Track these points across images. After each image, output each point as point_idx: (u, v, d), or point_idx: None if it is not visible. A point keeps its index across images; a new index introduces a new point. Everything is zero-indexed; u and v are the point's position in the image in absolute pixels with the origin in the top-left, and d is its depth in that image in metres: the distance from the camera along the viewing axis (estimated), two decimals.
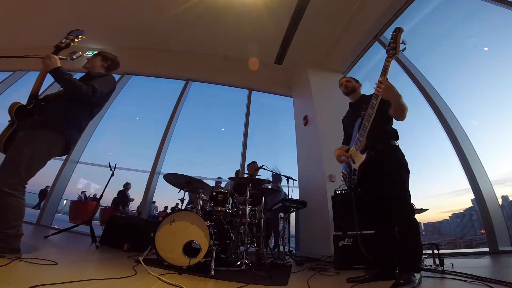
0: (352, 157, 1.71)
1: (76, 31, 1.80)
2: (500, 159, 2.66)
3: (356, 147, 1.68)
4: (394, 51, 1.48)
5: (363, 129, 1.61)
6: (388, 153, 1.64)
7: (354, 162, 1.69)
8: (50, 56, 1.62)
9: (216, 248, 1.81)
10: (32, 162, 1.52)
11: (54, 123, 1.62)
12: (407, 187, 1.55)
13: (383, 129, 1.71)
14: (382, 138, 1.67)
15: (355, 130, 1.77)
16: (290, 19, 4.00)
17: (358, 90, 2.04)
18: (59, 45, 1.72)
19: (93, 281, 1.18)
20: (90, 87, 1.70)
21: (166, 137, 4.51)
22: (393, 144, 1.69)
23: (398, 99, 1.50)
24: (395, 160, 1.62)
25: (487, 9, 2.58)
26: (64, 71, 1.65)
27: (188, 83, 5.22)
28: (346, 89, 2.04)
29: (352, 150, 1.74)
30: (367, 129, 1.58)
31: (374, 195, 1.69)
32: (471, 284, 1.39)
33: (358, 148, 1.65)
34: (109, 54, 2.04)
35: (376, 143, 1.63)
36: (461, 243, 3.45)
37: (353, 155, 1.71)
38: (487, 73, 2.88)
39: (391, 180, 1.56)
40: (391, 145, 1.69)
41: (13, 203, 1.44)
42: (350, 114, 2.03)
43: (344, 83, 2.07)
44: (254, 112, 5.04)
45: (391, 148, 1.67)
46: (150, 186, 4.11)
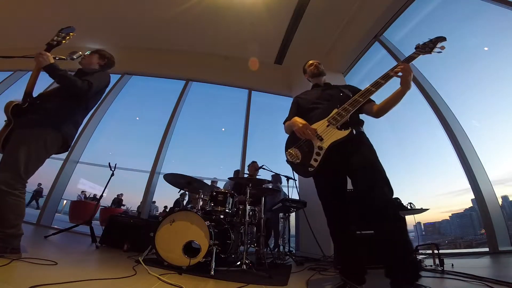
0: (318, 133, 1.44)
1: (67, 29, 1.79)
2: (500, 159, 2.66)
3: (330, 121, 1.44)
4: (429, 49, 1.40)
5: (344, 110, 1.42)
6: (366, 139, 1.50)
7: (321, 139, 1.41)
8: (42, 53, 1.62)
9: (216, 248, 1.81)
10: (30, 161, 1.52)
11: (50, 120, 1.63)
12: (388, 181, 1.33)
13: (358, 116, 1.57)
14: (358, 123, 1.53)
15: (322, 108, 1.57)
16: (290, 19, 4.00)
17: (325, 76, 1.90)
18: (50, 42, 1.72)
19: (93, 281, 1.18)
20: (85, 82, 1.70)
21: (166, 137, 4.51)
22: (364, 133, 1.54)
23: (408, 90, 1.37)
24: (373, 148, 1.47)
25: (487, 9, 2.58)
26: (58, 67, 1.65)
27: (188, 83, 5.22)
28: (317, 70, 1.87)
29: (320, 125, 1.47)
30: (350, 112, 1.41)
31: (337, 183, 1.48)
32: (471, 284, 1.39)
33: (335, 123, 1.41)
34: (106, 52, 2.06)
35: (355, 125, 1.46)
36: (461, 243, 3.46)
37: (321, 131, 1.44)
38: (487, 73, 2.88)
39: (372, 168, 1.34)
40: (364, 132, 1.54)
41: (13, 203, 1.44)
42: (313, 93, 1.80)
43: (315, 63, 1.92)
44: (254, 112, 5.04)
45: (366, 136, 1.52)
46: (150, 186, 4.11)
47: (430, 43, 1.41)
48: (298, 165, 1.48)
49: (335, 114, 1.44)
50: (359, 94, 1.43)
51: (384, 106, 1.45)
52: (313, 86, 1.90)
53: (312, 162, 1.41)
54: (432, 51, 1.39)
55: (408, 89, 1.36)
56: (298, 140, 1.51)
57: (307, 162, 1.43)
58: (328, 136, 1.41)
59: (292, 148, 1.52)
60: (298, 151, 1.49)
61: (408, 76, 1.34)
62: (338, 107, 1.46)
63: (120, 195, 7.16)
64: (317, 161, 1.39)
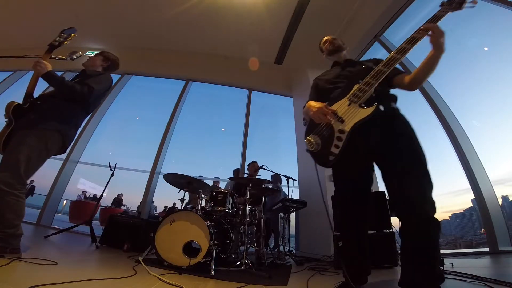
0: (339, 115, 1.23)
1: (68, 30, 1.80)
2: (500, 159, 2.66)
3: (351, 99, 1.22)
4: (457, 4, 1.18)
5: (367, 84, 1.19)
6: (400, 117, 1.24)
7: (342, 121, 1.20)
8: (39, 62, 1.62)
9: (216, 248, 1.81)
10: (30, 161, 1.53)
11: (50, 121, 1.63)
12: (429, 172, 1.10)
13: (387, 90, 1.34)
14: (388, 98, 1.29)
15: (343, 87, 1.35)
16: (290, 19, 4.00)
17: (345, 51, 1.64)
18: (52, 43, 1.73)
19: (93, 281, 1.18)
20: (85, 86, 1.71)
21: (166, 137, 4.51)
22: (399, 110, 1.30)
23: (441, 53, 1.14)
24: (411, 129, 1.20)
25: (487, 9, 2.58)
26: (55, 75, 1.66)
27: (188, 83, 5.23)
28: (332, 46, 1.61)
29: (341, 105, 1.25)
30: (374, 86, 1.18)
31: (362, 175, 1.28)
32: (471, 284, 1.39)
33: (357, 101, 1.19)
34: (111, 55, 2.06)
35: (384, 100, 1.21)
36: (461, 243, 3.46)
37: (342, 112, 1.23)
38: (487, 73, 2.88)
39: (409, 155, 1.11)
40: (399, 110, 1.29)
41: (13, 202, 1.44)
42: (333, 72, 1.58)
43: (329, 39, 1.65)
44: (254, 112, 5.04)
45: (401, 114, 1.27)
46: (150, 186, 4.11)
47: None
48: (318, 154, 1.28)
49: (356, 91, 1.22)
50: (382, 63, 1.21)
51: (416, 75, 1.23)
52: (333, 64, 1.66)
53: (332, 149, 1.20)
54: (462, 6, 1.17)
55: (441, 51, 1.13)
56: (317, 125, 1.31)
57: (327, 150, 1.22)
58: (350, 116, 1.19)
59: (310, 135, 1.32)
60: (317, 138, 1.28)
61: (440, 37, 1.11)
62: (360, 82, 1.23)
63: (120, 195, 7.17)
64: (339, 148, 1.18)
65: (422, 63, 1.19)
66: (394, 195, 1.14)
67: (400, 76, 1.29)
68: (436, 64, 1.16)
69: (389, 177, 1.16)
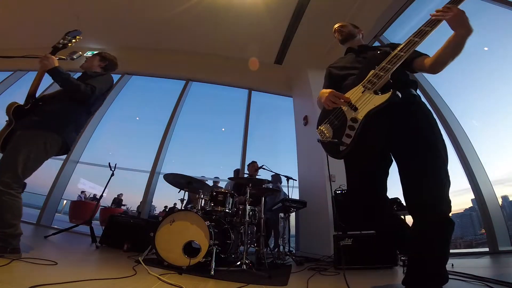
0: (352, 102, 1.15)
1: (73, 32, 1.81)
2: (500, 159, 2.66)
3: (365, 86, 1.14)
4: None
5: (382, 69, 1.11)
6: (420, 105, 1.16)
7: (355, 109, 1.13)
8: (47, 56, 1.63)
9: (216, 248, 1.81)
10: (29, 162, 1.52)
11: (51, 123, 1.63)
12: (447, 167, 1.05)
13: (407, 76, 1.25)
14: (407, 84, 1.20)
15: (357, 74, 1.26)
16: (290, 19, 4.00)
17: (358, 36, 1.54)
18: (56, 45, 1.73)
19: (93, 281, 1.18)
20: (88, 86, 1.71)
21: (166, 137, 4.52)
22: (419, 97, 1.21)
23: (468, 32, 1.02)
24: (431, 119, 1.12)
25: (487, 9, 2.58)
26: (62, 71, 1.66)
27: (188, 83, 5.23)
28: (340, 35, 1.53)
29: (354, 92, 1.17)
30: (390, 71, 1.10)
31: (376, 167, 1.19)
32: (471, 284, 1.39)
33: (372, 87, 1.11)
34: (108, 54, 2.06)
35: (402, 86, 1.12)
36: (461, 243, 3.46)
37: (356, 99, 1.15)
38: (487, 73, 2.88)
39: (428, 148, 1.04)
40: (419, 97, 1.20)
41: (10, 202, 1.44)
42: (347, 58, 1.50)
43: (338, 28, 1.56)
44: (254, 112, 5.04)
45: (421, 101, 1.19)
46: (150, 186, 4.11)
47: None
48: (329, 145, 1.20)
49: (371, 77, 1.14)
50: (399, 47, 1.13)
51: (438, 57, 1.10)
52: (347, 51, 1.56)
53: (344, 138, 1.12)
54: None
55: (465, 32, 1.02)
56: (329, 114, 1.23)
57: (338, 139, 1.14)
58: (363, 104, 1.10)
59: (322, 124, 1.25)
60: (329, 127, 1.21)
61: (459, 16, 1.02)
62: (375, 68, 1.15)
63: (120, 195, 7.16)
64: (351, 137, 1.10)
65: (445, 43, 1.08)
66: (410, 193, 1.06)
67: (420, 58, 1.19)
68: (461, 45, 1.05)
69: (405, 174, 1.09)
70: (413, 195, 1.05)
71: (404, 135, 1.10)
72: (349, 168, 1.28)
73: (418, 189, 1.03)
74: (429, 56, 1.18)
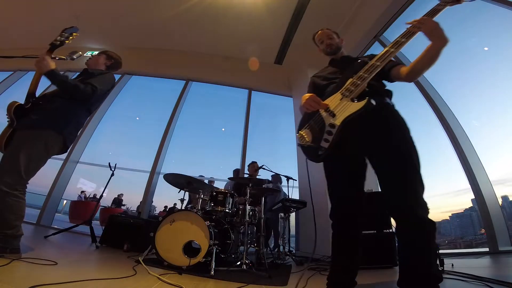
0: (331, 109, 1.21)
1: (70, 29, 1.79)
2: (500, 159, 2.66)
3: (343, 93, 1.20)
4: None
5: (359, 78, 1.18)
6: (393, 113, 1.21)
7: (333, 115, 1.18)
8: (43, 59, 1.62)
9: (216, 248, 1.81)
10: (31, 162, 1.52)
11: (52, 121, 1.63)
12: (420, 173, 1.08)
13: (382, 85, 1.31)
14: (382, 93, 1.26)
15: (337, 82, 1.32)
16: (290, 19, 4.00)
17: (342, 48, 1.58)
18: (54, 42, 1.72)
19: (93, 281, 1.18)
20: (88, 86, 1.70)
21: (166, 137, 4.51)
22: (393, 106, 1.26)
23: (443, 43, 1.06)
24: (405, 127, 1.17)
25: (487, 9, 2.58)
26: (58, 73, 1.65)
27: (188, 83, 5.23)
28: (330, 48, 1.54)
29: (333, 99, 1.23)
30: (367, 80, 1.16)
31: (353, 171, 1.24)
32: (471, 284, 1.39)
33: (349, 95, 1.17)
34: (113, 53, 2.07)
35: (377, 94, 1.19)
36: (461, 243, 3.45)
37: (334, 106, 1.20)
38: (487, 73, 2.88)
39: (401, 156, 1.08)
40: (393, 105, 1.26)
41: (13, 203, 1.44)
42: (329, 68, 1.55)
43: (326, 40, 1.55)
44: (254, 112, 5.04)
45: (394, 110, 1.24)
46: (150, 186, 4.11)
47: None
48: (308, 148, 1.27)
49: (349, 85, 1.20)
50: (376, 57, 1.19)
51: (414, 66, 1.15)
52: (330, 61, 1.61)
53: (322, 143, 1.18)
54: (461, 0, 1.13)
55: (440, 41, 1.06)
56: (309, 119, 1.29)
57: (317, 144, 1.20)
58: (341, 111, 1.16)
59: (302, 129, 1.30)
60: (309, 132, 1.26)
61: (433, 26, 1.07)
62: (353, 77, 1.21)
63: (120, 195, 7.16)
64: (328, 142, 1.16)
65: (421, 54, 1.14)
66: (387, 198, 1.11)
67: (396, 68, 1.25)
68: (436, 55, 1.09)
69: (381, 178, 1.14)
70: (389, 200, 1.10)
71: (378, 142, 1.15)
72: (328, 172, 1.33)
73: (393, 195, 1.08)
74: (405, 66, 1.23)
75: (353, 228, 1.26)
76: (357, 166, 1.26)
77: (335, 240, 1.31)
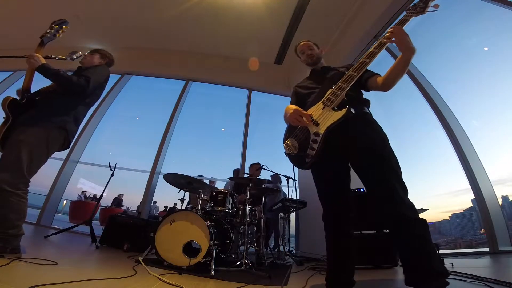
0: (314, 118, 1.28)
1: (59, 21, 1.80)
2: (500, 159, 2.66)
3: (325, 103, 1.27)
4: (420, 9, 1.23)
5: (339, 88, 1.26)
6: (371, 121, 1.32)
7: (317, 124, 1.26)
8: (32, 56, 1.62)
9: (216, 248, 1.81)
10: (33, 160, 1.51)
11: (50, 117, 1.61)
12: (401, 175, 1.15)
13: (360, 94, 1.42)
14: (360, 102, 1.36)
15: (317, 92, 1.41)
16: (290, 19, 4.00)
17: (322, 58, 1.69)
18: (44, 35, 1.73)
19: (93, 281, 1.18)
20: (82, 77, 1.70)
21: (166, 137, 4.51)
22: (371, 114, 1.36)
23: (412, 53, 1.16)
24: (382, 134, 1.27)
25: (487, 9, 2.58)
26: (50, 67, 1.64)
27: (188, 83, 5.22)
28: (311, 59, 1.63)
29: (316, 109, 1.31)
30: (345, 90, 1.24)
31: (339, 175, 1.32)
32: (471, 284, 1.39)
33: (330, 104, 1.24)
34: (106, 52, 2.08)
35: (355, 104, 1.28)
36: (461, 243, 3.46)
37: (317, 115, 1.28)
38: (487, 73, 2.88)
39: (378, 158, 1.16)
40: (370, 113, 1.37)
41: (15, 203, 1.43)
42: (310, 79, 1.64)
43: (306, 50, 1.66)
44: (254, 112, 5.04)
45: (372, 118, 1.34)
46: (150, 186, 4.11)
47: (421, 3, 1.26)
48: (295, 157, 1.36)
49: (329, 95, 1.28)
50: (352, 68, 1.28)
51: (388, 76, 1.27)
52: (311, 72, 1.70)
53: (309, 151, 1.26)
54: (425, 10, 1.23)
55: (409, 52, 1.17)
56: (295, 129, 1.37)
57: (304, 152, 1.28)
58: (324, 119, 1.25)
59: (288, 138, 1.39)
60: (295, 141, 1.35)
61: (403, 39, 1.17)
62: (333, 87, 1.29)
63: (120, 195, 7.16)
64: (314, 150, 1.24)
65: (393, 64, 1.24)
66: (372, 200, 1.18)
67: (373, 78, 1.35)
68: (406, 65, 1.20)
69: (365, 182, 1.20)
70: (375, 203, 1.16)
71: (358, 148, 1.23)
72: (316, 177, 1.40)
73: (378, 199, 1.14)
74: (380, 76, 1.33)
75: (344, 227, 1.30)
76: (341, 168, 1.34)
77: (329, 241, 1.34)
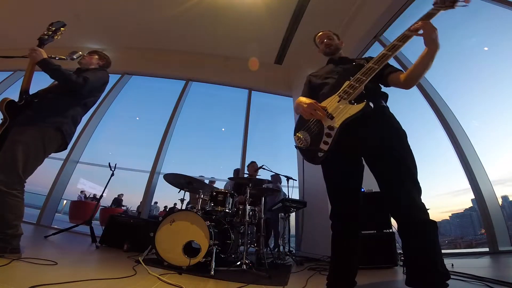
0: (329, 111, 1.22)
1: (57, 23, 1.80)
2: (500, 159, 2.66)
3: (341, 96, 1.21)
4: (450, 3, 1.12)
5: (357, 81, 1.19)
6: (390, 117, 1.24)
7: (332, 117, 1.19)
8: (35, 49, 1.63)
9: (216, 248, 1.81)
10: (28, 160, 1.51)
11: (48, 118, 1.62)
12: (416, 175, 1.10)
13: (378, 88, 1.34)
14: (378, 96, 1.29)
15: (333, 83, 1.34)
16: (290, 19, 4.00)
17: (341, 49, 1.59)
18: (42, 37, 1.73)
19: (93, 281, 1.18)
20: (81, 77, 1.71)
21: (166, 137, 4.51)
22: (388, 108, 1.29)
23: (437, 49, 1.11)
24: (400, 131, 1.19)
25: (487, 9, 2.58)
26: (51, 61, 1.65)
27: (188, 83, 5.23)
28: (329, 49, 1.54)
29: (331, 101, 1.24)
30: (364, 82, 1.17)
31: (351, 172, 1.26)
32: (471, 284, 1.39)
33: (347, 97, 1.18)
34: (104, 53, 2.10)
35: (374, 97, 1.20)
36: (461, 243, 3.46)
37: (332, 108, 1.21)
38: (487, 73, 2.88)
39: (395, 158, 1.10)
40: (387, 107, 1.29)
41: (12, 203, 1.44)
42: (326, 68, 1.56)
43: (325, 40, 1.56)
44: (254, 112, 5.04)
45: (390, 113, 1.27)
46: (150, 186, 4.11)
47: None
48: (307, 151, 1.27)
49: (346, 87, 1.21)
50: (373, 60, 1.20)
51: (411, 73, 1.19)
52: (328, 61, 1.61)
53: (321, 145, 1.19)
54: (455, 5, 1.12)
55: (435, 48, 1.10)
56: (307, 122, 1.29)
57: (316, 146, 1.21)
58: (339, 113, 1.17)
59: (300, 131, 1.31)
60: (307, 134, 1.27)
61: (432, 33, 1.10)
62: (351, 79, 1.22)
63: (120, 195, 7.17)
64: (328, 144, 1.16)
65: (417, 60, 1.17)
66: (385, 200, 1.14)
67: (395, 74, 1.27)
68: (431, 61, 1.13)
69: (379, 181, 1.16)
70: (387, 203, 1.12)
71: (374, 145, 1.17)
72: (327, 173, 1.34)
73: (390, 198, 1.11)
74: (403, 72, 1.25)
75: (352, 227, 1.26)
76: (354, 166, 1.28)
77: (335, 240, 1.31)
